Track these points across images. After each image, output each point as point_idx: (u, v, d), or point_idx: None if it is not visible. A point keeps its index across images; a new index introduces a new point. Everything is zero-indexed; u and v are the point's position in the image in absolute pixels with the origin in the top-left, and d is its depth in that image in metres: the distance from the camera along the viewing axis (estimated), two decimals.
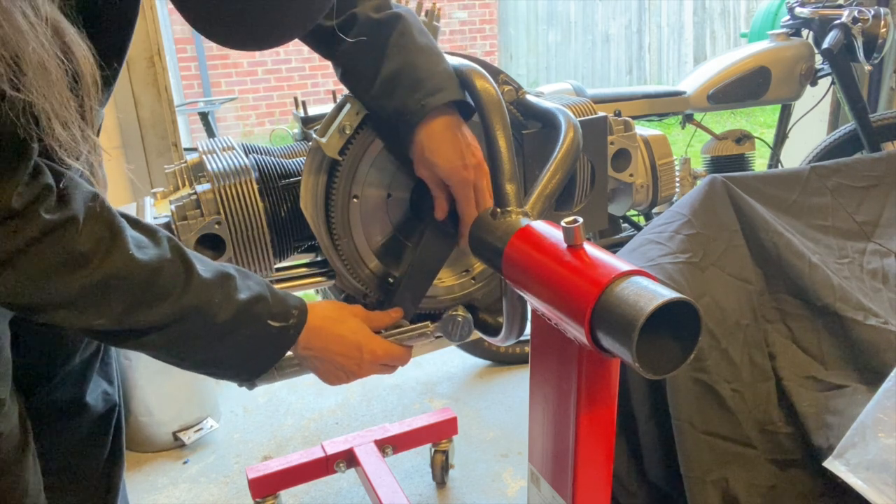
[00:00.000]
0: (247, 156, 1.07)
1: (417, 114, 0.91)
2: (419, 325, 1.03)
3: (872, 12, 2.27)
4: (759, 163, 2.79)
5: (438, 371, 2.46)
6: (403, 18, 0.94)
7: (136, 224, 0.76)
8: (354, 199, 1.02)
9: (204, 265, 0.80)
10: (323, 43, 0.98)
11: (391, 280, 1.09)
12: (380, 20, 0.93)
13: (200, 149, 1.11)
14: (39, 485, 0.89)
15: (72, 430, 1.06)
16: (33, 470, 0.88)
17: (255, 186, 1.02)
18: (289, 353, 0.90)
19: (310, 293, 1.31)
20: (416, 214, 1.08)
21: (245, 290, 0.82)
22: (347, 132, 0.98)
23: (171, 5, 0.75)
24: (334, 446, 1.75)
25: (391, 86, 0.92)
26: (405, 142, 0.95)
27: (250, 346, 0.84)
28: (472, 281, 1.15)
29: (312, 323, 0.89)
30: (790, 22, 2.50)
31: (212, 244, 1.02)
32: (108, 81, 0.76)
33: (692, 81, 2.40)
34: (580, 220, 0.74)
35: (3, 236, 0.64)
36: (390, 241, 1.09)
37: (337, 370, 0.94)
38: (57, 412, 1.02)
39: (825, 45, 2.31)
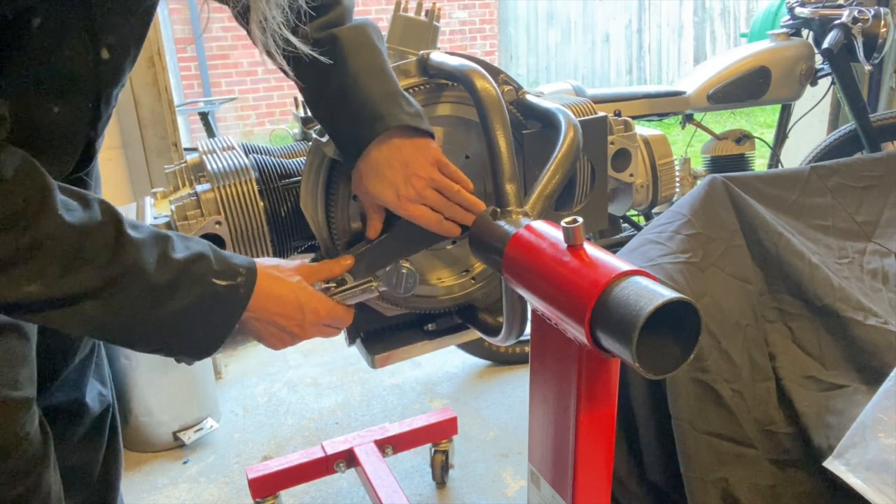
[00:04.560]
0: (247, 156, 1.07)
1: (358, 146, 0.91)
2: (362, 281, 0.98)
3: (872, 12, 2.27)
4: (759, 163, 2.79)
5: (438, 371, 2.46)
6: (339, 39, 0.92)
7: (66, 189, 0.74)
8: (354, 199, 1.02)
9: (138, 229, 0.77)
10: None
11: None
12: (317, 40, 0.91)
13: (200, 149, 1.11)
14: (60, 485, 0.90)
15: (72, 432, 1.07)
16: (54, 470, 0.88)
17: (255, 186, 1.02)
18: None
19: None
20: None
21: (183, 250, 0.79)
22: None
23: (171, 5, 0.76)
24: (334, 446, 1.75)
25: (333, 116, 0.92)
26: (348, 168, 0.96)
27: (197, 310, 0.79)
28: (472, 281, 1.15)
29: (257, 289, 0.84)
30: (790, 22, 2.50)
31: (212, 244, 1.02)
32: (124, 66, 0.79)
33: (692, 81, 2.40)
34: (580, 220, 0.74)
35: None
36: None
37: (280, 332, 0.89)
38: (60, 414, 1.02)
39: (825, 45, 2.31)
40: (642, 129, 1.58)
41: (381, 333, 1.17)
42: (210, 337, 0.82)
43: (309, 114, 1.20)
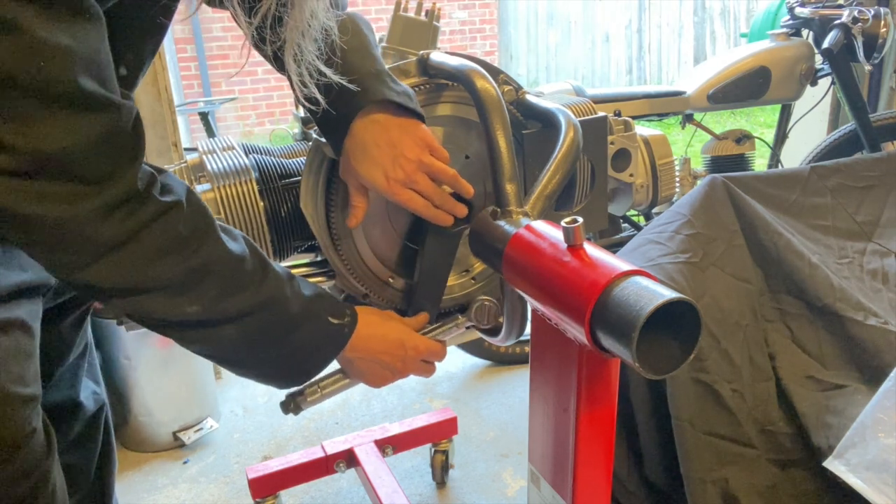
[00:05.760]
0: (247, 156, 1.07)
1: (342, 124, 0.90)
2: (450, 318, 1.04)
3: (872, 12, 2.27)
4: (759, 163, 2.79)
5: (438, 371, 2.44)
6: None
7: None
8: None
9: (273, 262, 0.84)
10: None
11: (391, 279, 1.09)
12: None
13: (200, 149, 1.11)
14: (63, 481, 0.90)
15: (68, 431, 1.07)
16: (59, 470, 0.89)
17: (255, 186, 1.02)
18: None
19: None
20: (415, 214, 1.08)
21: (308, 288, 0.86)
22: None
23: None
24: (334, 446, 1.75)
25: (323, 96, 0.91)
26: (336, 152, 0.94)
27: (312, 342, 0.87)
28: (472, 281, 1.15)
29: (361, 329, 0.91)
30: (790, 22, 2.50)
31: None
32: (138, 80, 0.83)
33: (692, 81, 2.40)
34: (580, 220, 0.74)
35: (124, 216, 0.67)
36: (396, 246, 1.09)
37: (383, 370, 0.96)
38: (56, 413, 1.02)
39: (825, 45, 2.31)
40: (642, 129, 1.59)
41: None
42: (310, 368, 0.90)
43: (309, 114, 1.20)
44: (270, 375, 0.89)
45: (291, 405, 1.00)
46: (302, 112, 1.21)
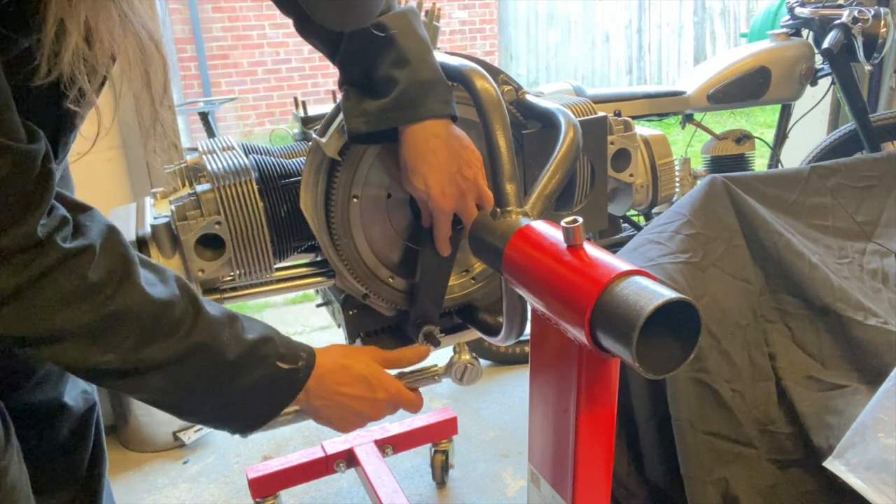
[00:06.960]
0: (247, 156, 1.07)
1: (401, 126, 0.91)
2: (427, 368, 1.04)
3: (872, 12, 2.27)
4: (759, 163, 2.79)
5: None
6: (387, 27, 0.92)
7: (145, 262, 0.76)
8: (354, 199, 1.02)
9: (211, 305, 0.79)
10: (329, 42, 0.97)
11: (391, 279, 1.09)
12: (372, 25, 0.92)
13: (200, 149, 1.11)
14: (27, 483, 0.88)
15: (53, 432, 1.05)
16: (18, 466, 0.87)
17: (255, 186, 1.02)
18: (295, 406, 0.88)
19: (309, 293, 1.31)
20: (417, 215, 1.08)
21: (252, 331, 0.82)
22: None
23: (171, 5, 0.75)
24: (334, 446, 1.75)
25: (380, 96, 0.92)
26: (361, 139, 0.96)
27: (259, 389, 0.82)
28: (472, 281, 1.15)
29: (320, 371, 0.86)
30: (790, 22, 2.50)
31: (212, 244, 1.02)
32: (84, 114, 0.79)
33: (692, 81, 2.40)
34: (580, 220, 0.74)
35: (22, 265, 0.64)
36: (396, 246, 1.09)
37: (352, 416, 0.91)
38: (37, 414, 1.01)
39: (825, 45, 2.31)
40: (642, 129, 1.58)
41: (381, 333, 1.17)
42: (261, 415, 0.85)
43: (309, 114, 1.20)
44: (219, 422, 0.84)
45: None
46: (302, 112, 1.21)
